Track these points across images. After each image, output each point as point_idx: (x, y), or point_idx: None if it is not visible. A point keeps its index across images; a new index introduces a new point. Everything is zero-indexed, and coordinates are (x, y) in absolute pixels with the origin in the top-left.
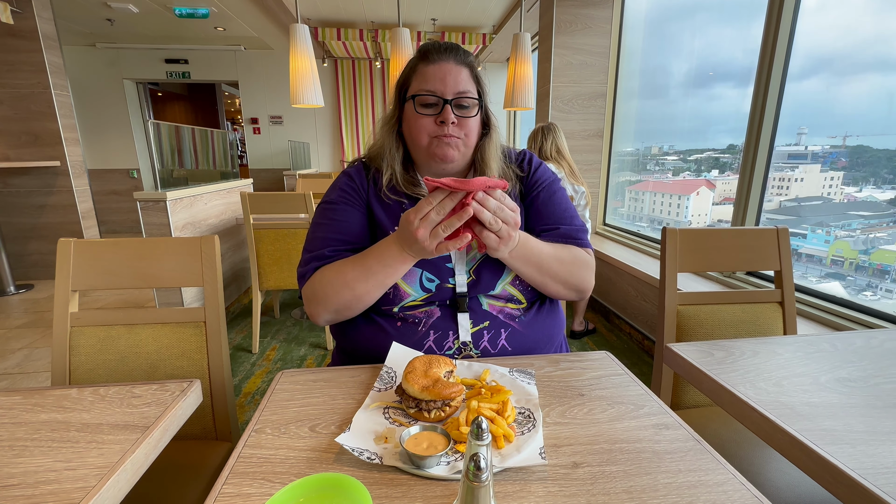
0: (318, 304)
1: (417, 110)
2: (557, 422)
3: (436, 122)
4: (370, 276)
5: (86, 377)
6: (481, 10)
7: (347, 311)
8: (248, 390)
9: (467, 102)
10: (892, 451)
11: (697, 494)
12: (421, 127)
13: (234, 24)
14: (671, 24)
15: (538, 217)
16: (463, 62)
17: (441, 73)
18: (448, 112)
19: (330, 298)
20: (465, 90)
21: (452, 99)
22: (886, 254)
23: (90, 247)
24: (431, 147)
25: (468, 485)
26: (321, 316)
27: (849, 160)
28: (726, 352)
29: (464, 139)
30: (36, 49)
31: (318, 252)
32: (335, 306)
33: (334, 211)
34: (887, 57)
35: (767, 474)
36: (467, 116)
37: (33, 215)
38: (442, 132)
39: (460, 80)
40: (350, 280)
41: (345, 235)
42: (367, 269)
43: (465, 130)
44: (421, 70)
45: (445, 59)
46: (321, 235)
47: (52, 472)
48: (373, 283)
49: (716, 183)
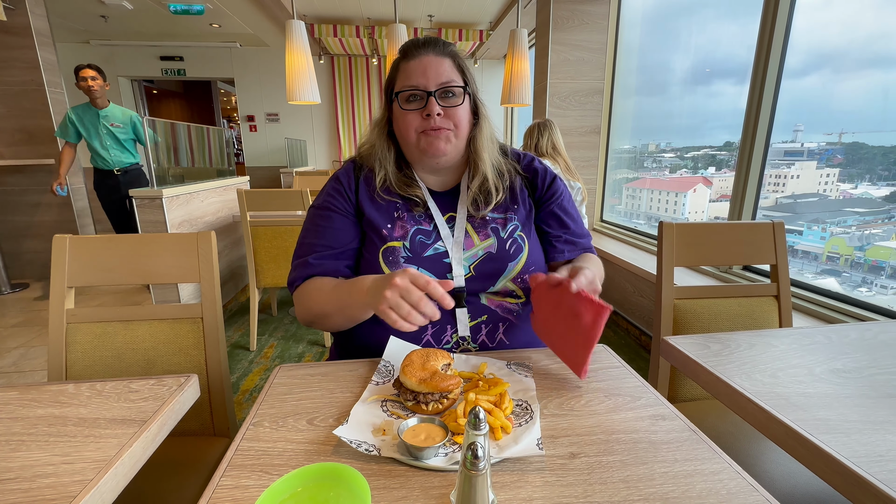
0: (301, 312)
1: (402, 107)
2: (555, 413)
3: (422, 115)
4: (341, 310)
5: (82, 374)
6: (478, 6)
7: (324, 328)
8: (246, 387)
9: (452, 92)
10: (885, 440)
11: (693, 483)
12: (408, 123)
13: (229, 21)
14: (668, 20)
15: (562, 228)
16: (444, 53)
17: (421, 66)
18: (433, 104)
19: (309, 313)
20: (449, 80)
21: (436, 90)
22: (881, 250)
23: (86, 243)
24: (420, 143)
25: (466, 473)
26: (304, 322)
27: (844, 157)
28: (722, 344)
29: (454, 130)
30: (29, 46)
31: (302, 259)
32: (311, 320)
33: (320, 217)
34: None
35: (764, 465)
36: (453, 106)
37: (28, 214)
38: (429, 125)
39: (442, 71)
40: (324, 304)
41: (328, 241)
42: (341, 303)
43: (454, 120)
44: (403, 68)
45: (425, 53)
46: (307, 241)
47: (50, 465)
48: (341, 318)
49: (713, 180)
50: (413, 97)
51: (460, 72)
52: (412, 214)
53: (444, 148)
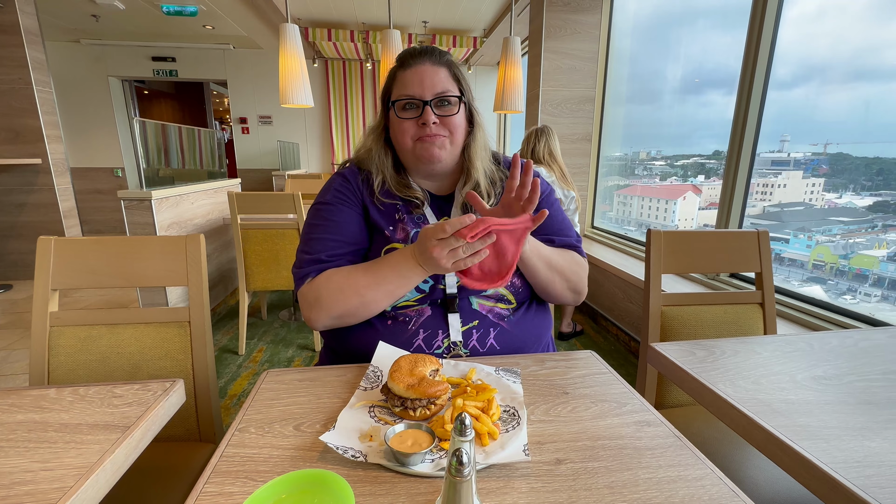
0: (320, 309)
1: (399, 115)
2: (542, 419)
3: (417, 123)
4: (382, 285)
5: (65, 378)
6: (472, 13)
7: (350, 318)
8: (233, 392)
9: (448, 101)
10: (862, 446)
11: (676, 489)
12: (404, 131)
13: (223, 23)
14: (659, 31)
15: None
16: (440, 62)
17: (418, 76)
18: (428, 113)
19: (336, 303)
20: (445, 89)
21: (432, 99)
22: (865, 258)
23: (71, 245)
24: (416, 150)
25: (451, 480)
26: (321, 321)
27: (829, 167)
28: (708, 351)
29: (449, 137)
30: (17, 44)
31: (315, 255)
32: (339, 312)
33: (330, 211)
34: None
35: (748, 471)
36: (449, 115)
37: (13, 214)
38: (424, 132)
39: (438, 80)
40: (361, 287)
41: (342, 236)
42: (380, 277)
43: (450, 128)
44: (399, 77)
45: (421, 62)
46: (318, 236)
47: (29, 472)
48: (383, 292)
49: (702, 188)
50: (409, 105)
51: (456, 81)
52: (412, 217)
53: (440, 154)
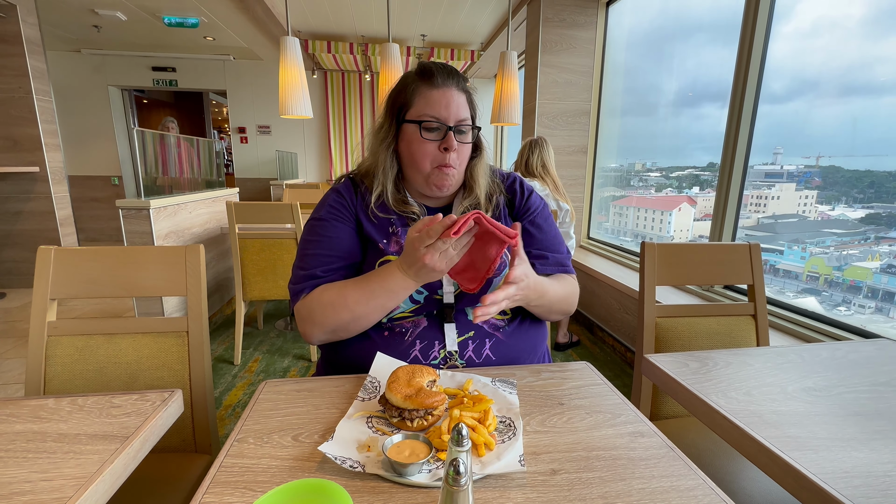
0: (313, 324)
1: (423, 135)
2: (537, 430)
3: (439, 148)
4: (371, 300)
5: (62, 388)
6: (470, 28)
7: (343, 332)
8: (228, 402)
9: (465, 128)
10: (851, 457)
11: (669, 499)
12: (424, 153)
13: (223, 34)
14: (653, 45)
15: (531, 241)
16: (463, 89)
17: (446, 99)
18: (451, 139)
19: (328, 318)
20: (465, 118)
21: (454, 126)
22: (858, 270)
23: (71, 255)
24: (432, 177)
25: (448, 489)
26: (315, 335)
27: (822, 179)
28: (701, 362)
29: (458, 167)
30: (19, 53)
31: (310, 270)
32: (332, 326)
33: (324, 227)
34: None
35: (741, 482)
36: (464, 143)
37: (9, 222)
38: (444, 161)
39: (461, 106)
40: (351, 302)
41: (336, 252)
42: (369, 292)
43: (462, 157)
44: (425, 93)
45: (449, 85)
46: (312, 252)
47: (28, 483)
48: (373, 307)
49: (697, 199)
50: (433, 127)
51: (470, 108)
52: (406, 230)
53: (450, 184)
